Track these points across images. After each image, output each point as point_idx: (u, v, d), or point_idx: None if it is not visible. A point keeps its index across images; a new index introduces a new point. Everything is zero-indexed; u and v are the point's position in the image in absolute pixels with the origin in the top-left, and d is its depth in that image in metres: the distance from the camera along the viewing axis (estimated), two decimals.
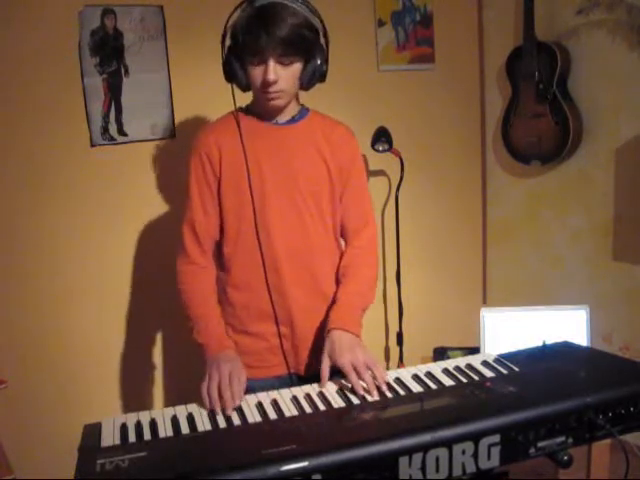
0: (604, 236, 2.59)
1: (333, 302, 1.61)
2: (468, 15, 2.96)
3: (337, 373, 1.43)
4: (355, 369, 1.37)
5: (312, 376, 1.61)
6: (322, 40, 1.55)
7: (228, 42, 1.54)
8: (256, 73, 1.49)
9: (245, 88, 1.57)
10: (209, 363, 1.46)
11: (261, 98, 1.55)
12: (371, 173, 2.79)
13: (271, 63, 1.46)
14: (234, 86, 1.58)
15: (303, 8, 1.48)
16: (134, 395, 2.45)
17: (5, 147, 2.14)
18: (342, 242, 1.73)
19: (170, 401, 2.46)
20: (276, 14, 1.43)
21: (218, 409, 1.28)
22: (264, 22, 1.43)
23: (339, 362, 1.41)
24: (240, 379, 1.37)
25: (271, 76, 1.47)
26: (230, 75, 1.56)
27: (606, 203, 2.56)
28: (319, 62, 1.54)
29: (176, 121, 2.37)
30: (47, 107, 2.17)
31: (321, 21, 1.54)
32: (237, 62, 1.52)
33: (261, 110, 1.60)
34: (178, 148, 2.38)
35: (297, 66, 1.51)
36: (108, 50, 2.22)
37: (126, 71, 2.27)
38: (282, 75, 1.49)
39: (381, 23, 2.73)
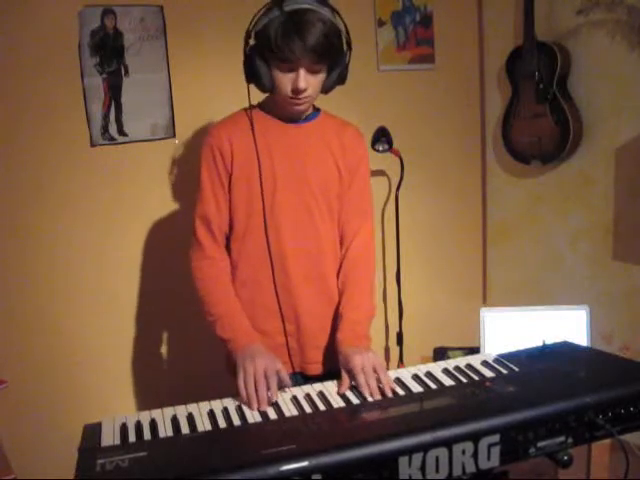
0: (604, 236, 2.59)
1: (339, 316, 1.60)
2: (468, 15, 2.95)
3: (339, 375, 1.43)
4: (363, 370, 1.36)
5: (317, 376, 1.62)
6: (345, 43, 1.55)
7: (252, 43, 1.52)
8: (285, 80, 1.49)
9: (267, 90, 1.56)
10: (241, 357, 1.44)
11: (286, 103, 1.54)
12: (371, 173, 2.76)
13: (302, 71, 1.47)
14: (249, 85, 1.56)
15: (328, 12, 1.47)
16: (134, 395, 2.45)
17: (5, 147, 2.14)
18: None
19: (170, 401, 2.46)
20: (308, 22, 1.42)
21: (254, 406, 1.28)
22: (298, 30, 1.41)
23: (350, 365, 1.40)
24: (275, 372, 1.37)
25: (302, 84, 1.47)
26: (254, 77, 1.53)
27: (606, 203, 2.56)
28: (341, 68, 1.56)
29: (176, 121, 2.37)
30: (47, 107, 2.17)
31: (343, 22, 1.53)
32: (264, 65, 1.50)
33: (280, 111, 1.60)
34: (178, 148, 2.38)
35: (324, 74, 1.53)
36: (108, 50, 2.22)
37: (126, 71, 2.26)
38: (311, 82, 1.50)
39: (381, 23, 2.73)
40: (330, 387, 1.38)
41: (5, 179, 2.16)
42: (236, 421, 1.23)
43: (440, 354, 2.43)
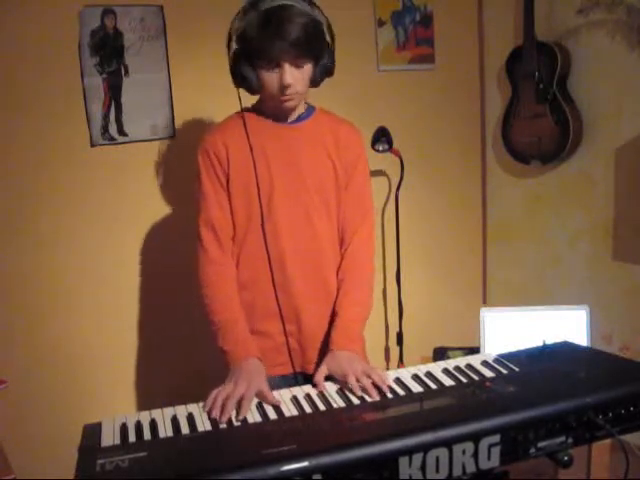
0: (604, 236, 2.59)
1: (335, 313, 1.61)
2: (468, 15, 2.96)
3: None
4: (354, 374, 1.36)
5: None
6: (327, 35, 1.55)
7: (234, 47, 1.52)
8: (271, 78, 1.50)
9: (255, 92, 1.56)
10: (232, 371, 1.44)
11: (275, 101, 1.55)
12: (371, 173, 2.74)
13: (286, 67, 1.47)
14: (240, 89, 1.57)
15: (305, 6, 1.48)
16: (134, 395, 2.45)
17: (5, 147, 2.14)
18: None
19: (170, 401, 2.46)
20: (286, 18, 1.43)
21: (213, 413, 1.27)
22: (275, 27, 1.42)
23: (338, 371, 1.42)
24: (251, 397, 1.33)
25: (289, 80, 1.47)
26: (241, 81, 1.54)
27: (606, 203, 2.56)
28: (327, 59, 1.55)
29: (176, 121, 2.37)
30: (47, 107, 2.17)
31: (323, 15, 1.54)
32: (248, 67, 1.51)
33: (271, 111, 1.60)
34: (178, 148, 2.38)
35: (309, 67, 1.52)
36: (108, 50, 2.22)
37: (126, 71, 2.26)
38: (297, 77, 1.50)
39: (381, 23, 2.73)
40: (330, 387, 1.38)
41: (5, 179, 2.15)
42: (236, 421, 1.23)
43: (440, 354, 2.43)
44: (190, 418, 1.24)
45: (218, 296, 1.58)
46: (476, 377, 1.34)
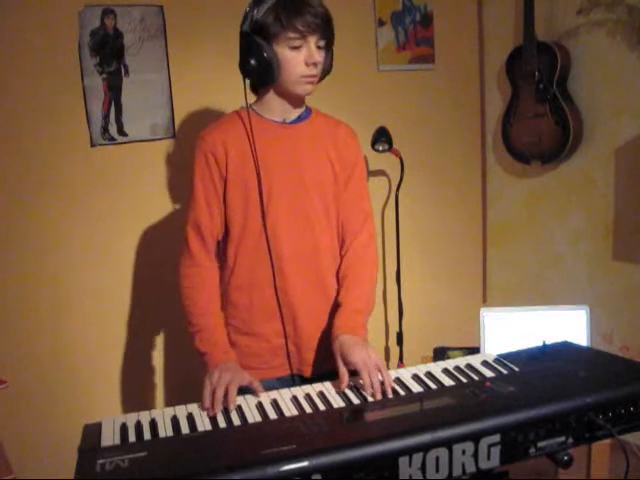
0: (604, 236, 2.59)
1: (337, 306, 1.60)
2: (468, 15, 2.96)
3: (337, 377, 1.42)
4: (367, 368, 1.35)
5: (315, 377, 1.61)
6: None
7: (249, 30, 1.48)
8: (298, 57, 1.48)
9: (269, 78, 1.50)
10: (210, 372, 1.43)
11: (297, 85, 1.52)
12: (371, 173, 2.79)
13: (312, 44, 1.47)
14: (245, 84, 1.56)
15: None
16: (134, 395, 2.45)
17: (5, 147, 2.14)
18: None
19: (170, 401, 2.46)
20: None
21: (209, 410, 1.28)
22: (302, 2, 1.44)
23: (352, 359, 1.39)
24: (237, 385, 1.35)
25: (317, 57, 1.48)
26: (259, 64, 1.48)
27: (606, 203, 2.56)
28: (331, 54, 1.56)
29: (176, 121, 2.37)
30: (47, 107, 2.17)
31: None
32: (269, 47, 1.46)
33: (277, 107, 1.58)
34: (178, 148, 2.38)
35: (323, 53, 1.52)
36: (108, 50, 2.22)
37: (126, 71, 2.27)
38: (320, 57, 1.51)
39: (381, 23, 2.73)
40: (330, 387, 1.38)
41: (5, 179, 2.16)
42: (236, 421, 1.23)
43: (440, 354, 2.42)
44: (190, 418, 1.24)
45: (200, 299, 1.58)
46: (476, 377, 1.34)
